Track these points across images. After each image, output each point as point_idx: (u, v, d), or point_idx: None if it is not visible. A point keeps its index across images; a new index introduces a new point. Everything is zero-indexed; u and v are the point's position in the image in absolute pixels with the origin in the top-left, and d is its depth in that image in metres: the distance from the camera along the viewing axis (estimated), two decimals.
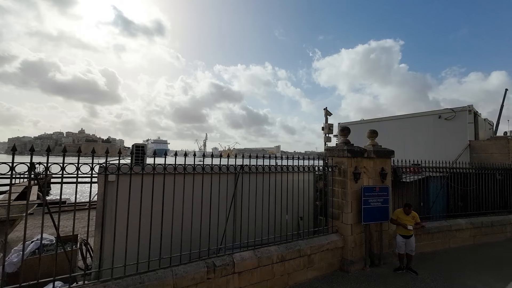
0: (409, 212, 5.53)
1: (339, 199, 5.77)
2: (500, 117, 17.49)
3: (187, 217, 4.08)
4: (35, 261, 3.75)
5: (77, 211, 3.89)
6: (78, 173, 3.32)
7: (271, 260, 4.55)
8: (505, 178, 8.64)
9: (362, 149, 5.92)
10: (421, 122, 12.72)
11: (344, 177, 5.69)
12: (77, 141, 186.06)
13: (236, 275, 4.17)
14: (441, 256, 6.52)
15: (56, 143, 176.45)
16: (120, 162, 3.79)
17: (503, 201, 8.57)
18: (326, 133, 14.93)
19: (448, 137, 11.60)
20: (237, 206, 4.96)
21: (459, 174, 7.99)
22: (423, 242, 6.60)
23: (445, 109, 11.94)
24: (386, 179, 6.13)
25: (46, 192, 13.43)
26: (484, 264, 6.06)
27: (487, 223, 7.68)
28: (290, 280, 4.81)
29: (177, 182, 4.04)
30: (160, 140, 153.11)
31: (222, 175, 4.56)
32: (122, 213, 3.66)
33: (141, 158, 4.37)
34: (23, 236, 3.16)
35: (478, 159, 10.26)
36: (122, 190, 3.73)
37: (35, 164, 3.28)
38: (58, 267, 3.20)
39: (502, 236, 7.91)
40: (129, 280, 3.41)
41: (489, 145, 10.66)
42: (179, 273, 3.68)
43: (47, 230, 6.89)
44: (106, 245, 3.74)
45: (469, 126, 11.10)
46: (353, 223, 5.59)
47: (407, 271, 5.50)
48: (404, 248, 5.47)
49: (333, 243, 5.43)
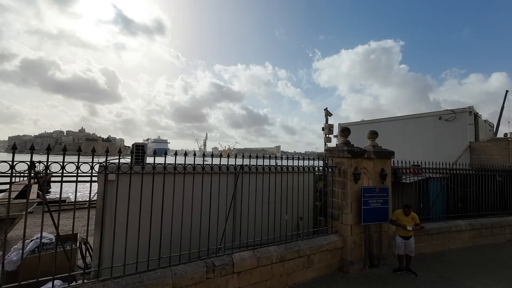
0: (408, 213, 5.53)
1: (339, 200, 5.77)
2: (500, 118, 17.51)
3: (186, 216, 4.09)
4: (34, 260, 3.75)
5: (77, 210, 3.89)
6: (78, 172, 3.32)
7: (270, 260, 4.55)
8: (505, 179, 8.63)
9: (362, 150, 5.92)
10: (422, 123, 12.72)
11: (344, 178, 5.69)
12: (77, 140, 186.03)
13: (236, 275, 4.17)
14: (441, 257, 6.52)
15: (56, 141, 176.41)
16: (120, 161, 3.79)
17: (503, 203, 8.57)
18: (326, 134, 14.92)
19: (448, 138, 11.59)
20: (237, 206, 4.96)
21: (459, 175, 7.99)
22: (422, 243, 6.60)
23: (446, 110, 11.94)
24: (386, 180, 6.13)
25: (46, 191, 13.42)
26: (483, 266, 6.06)
27: (486, 224, 7.68)
28: (290, 280, 4.81)
29: (177, 182, 4.04)
30: (160, 139, 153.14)
31: (222, 175, 4.56)
32: (122, 212, 3.66)
33: (141, 158, 4.38)
34: (22, 235, 3.16)
35: (478, 160, 10.25)
36: (122, 189, 3.73)
37: (35, 162, 3.29)
38: (58, 266, 3.20)
39: (502, 238, 7.92)
40: (128, 279, 3.41)
41: (489, 147, 10.65)
42: (178, 272, 3.68)
43: (46, 229, 6.90)
44: (106, 244, 3.73)
45: (470, 127, 11.09)
46: (353, 224, 5.59)
47: (406, 272, 5.49)
48: (403, 249, 5.47)
49: (333, 243, 5.43)
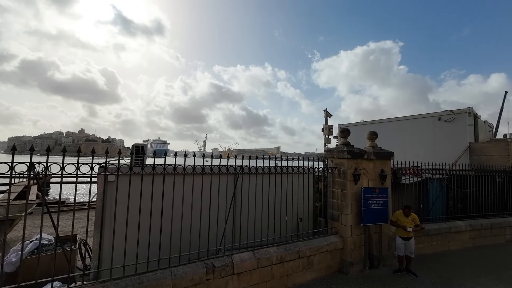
0: (408, 214, 5.52)
1: (338, 201, 5.76)
2: (500, 119, 17.53)
3: (186, 217, 4.08)
4: (34, 261, 3.75)
5: (76, 211, 3.89)
6: (78, 173, 3.32)
7: (270, 261, 4.54)
8: (504, 180, 8.64)
9: (362, 151, 5.92)
10: (421, 124, 12.73)
11: (344, 179, 5.69)
12: (77, 141, 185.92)
13: (235, 276, 4.16)
14: (441, 258, 6.51)
15: (56, 142, 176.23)
16: (120, 162, 3.79)
17: (503, 204, 8.57)
18: (326, 135, 14.94)
19: (448, 139, 11.60)
20: (237, 207, 4.95)
21: (458, 176, 7.99)
22: (422, 244, 6.59)
23: (445, 111, 11.96)
24: (386, 180, 6.13)
25: (45, 192, 13.40)
26: (483, 267, 6.05)
27: (486, 225, 7.68)
28: (289, 281, 4.80)
29: (176, 183, 4.04)
30: (160, 140, 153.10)
31: (221, 175, 4.56)
32: (122, 213, 3.66)
33: (141, 158, 4.37)
34: (22, 236, 3.16)
35: (477, 161, 10.25)
36: (122, 190, 3.73)
37: (35, 163, 3.28)
38: (57, 267, 3.19)
39: (502, 239, 7.91)
40: (128, 280, 3.40)
41: (488, 147, 10.66)
42: (178, 274, 3.68)
43: (46, 230, 6.87)
44: (105, 245, 3.73)
45: (469, 128, 11.10)
46: (353, 225, 5.58)
47: (406, 273, 5.49)
48: (403, 250, 5.46)
49: (333, 244, 5.42)
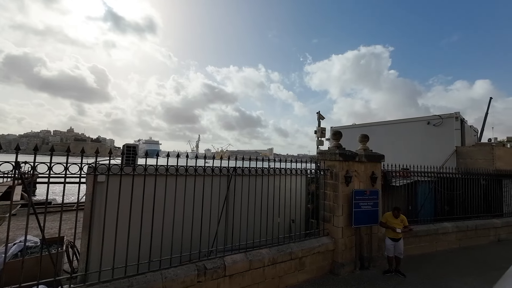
0: (398, 215, 5.64)
1: (330, 202, 5.83)
2: (484, 124, 18.14)
3: (178, 219, 4.03)
4: (17, 264, 3.61)
5: (64, 212, 3.78)
6: (67, 173, 3.24)
7: (262, 263, 4.54)
8: (489, 183, 8.94)
9: (354, 153, 6.02)
10: (411, 128, 13.07)
11: (336, 181, 5.76)
12: (65, 140, 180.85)
13: (227, 278, 4.14)
14: (429, 258, 6.67)
15: (43, 141, 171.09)
16: (110, 163, 3.72)
17: (487, 206, 8.86)
18: (318, 137, 15.07)
19: (436, 142, 11.94)
20: (229, 208, 4.93)
21: (446, 179, 8.22)
22: (411, 245, 6.73)
23: (434, 116, 12.31)
24: (376, 183, 6.24)
25: (31, 192, 12.99)
26: (469, 267, 6.24)
27: (471, 226, 7.92)
28: (281, 283, 4.81)
29: (168, 184, 3.99)
30: (152, 140, 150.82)
31: (214, 177, 4.54)
32: (112, 214, 3.58)
33: (132, 159, 4.30)
34: (6, 238, 3.05)
35: (464, 164, 10.59)
36: (112, 191, 3.65)
37: (21, 163, 3.18)
38: (43, 270, 3.10)
39: (486, 240, 8.18)
40: (117, 283, 3.33)
41: (474, 151, 11.03)
42: (168, 276, 3.62)
43: (31, 232, 6.64)
44: (94, 247, 3.64)
45: (456, 132, 11.47)
46: (344, 226, 5.65)
47: (395, 273, 5.59)
48: (393, 251, 5.57)
49: (324, 246, 5.47)
